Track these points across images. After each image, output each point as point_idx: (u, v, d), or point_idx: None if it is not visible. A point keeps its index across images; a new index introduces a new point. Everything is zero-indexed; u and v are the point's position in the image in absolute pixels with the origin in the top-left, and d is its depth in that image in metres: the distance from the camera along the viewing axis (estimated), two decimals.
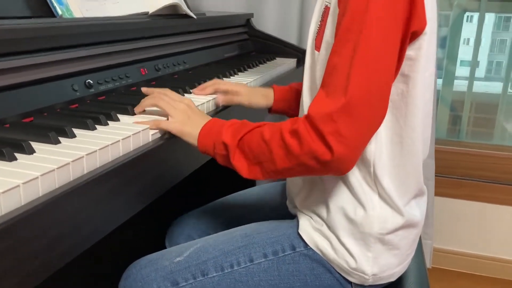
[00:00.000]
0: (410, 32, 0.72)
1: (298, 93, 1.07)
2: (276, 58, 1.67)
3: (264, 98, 1.09)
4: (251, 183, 1.84)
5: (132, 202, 0.73)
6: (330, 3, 0.79)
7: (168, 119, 0.83)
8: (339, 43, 0.72)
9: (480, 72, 2.03)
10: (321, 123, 0.69)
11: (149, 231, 1.39)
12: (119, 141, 0.70)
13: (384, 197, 0.81)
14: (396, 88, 0.76)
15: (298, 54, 1.72)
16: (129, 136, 0.72)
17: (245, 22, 1.73)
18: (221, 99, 1.04)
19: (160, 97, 0.85)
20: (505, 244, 1.95)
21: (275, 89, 1.11)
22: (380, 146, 0.79)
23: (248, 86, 1.10)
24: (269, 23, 1.81)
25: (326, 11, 0.80)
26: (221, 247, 0.87)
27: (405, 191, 0.82)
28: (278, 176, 0.77)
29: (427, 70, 0.80)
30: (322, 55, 0.80)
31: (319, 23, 0.83)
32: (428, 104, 0.86)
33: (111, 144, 0.68)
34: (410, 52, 0.75)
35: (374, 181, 0.80)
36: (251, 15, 1.74)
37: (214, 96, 1.03)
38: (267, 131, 0.75)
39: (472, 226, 1.97)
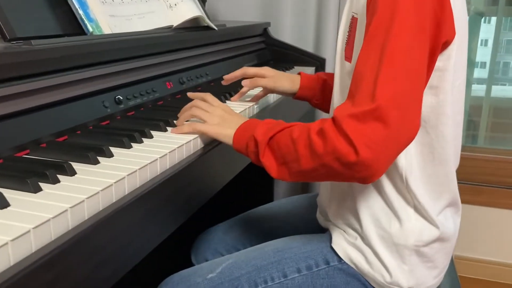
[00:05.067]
0: (441, 43, 0.72)
1: (324, 83, 1.10)
2: (295, 66, 1.66)
3: (290, 82, 1.10)
4: (275, 196, 1.84)
5: (171, 218, 0.73)
6: (357, 14, 0.78)
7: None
8: (365, 50, 0.70)
9: (486, 72, 2.02)
10: (346, 122, 0.65)
11: (173, 245, 1.38)
12: (157, 159, 0.70)
13: (419, 209, 0.80)
14: (425, 101, 0.75)
15: (316, 62, 1.71)
16: (166, 154, 0.72)
17: (262, 32, 1.72)
18: (247, 83, 1.06)
19: (196, 107, 0.86)
20: None
21: (302, 76, 1.11)
22: (410, 159, 0.78)
23: (274, 70, 1.11)
24: (285, 32, 1.80)
25: (353, 21, 0.80)
26: (254, 262, 0.87)
27: (438, 201, 0.82)
28: (303, 178, 0.75)
29: (457, 79, 0.79)
30: (354, 66, 0.79)
31: (347, 34, 0.83)
32: (459, 113, 0.85)
33: (149, 163, 0.68)
34: (438, 63, 0.74)
35: (409, 193, 0.79)
36: (268, 24, 1.74)
37: (249, 104, 1.06)
38: (296, 130, 0.73)
39: (492, 233, 1.95)
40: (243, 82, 1.07)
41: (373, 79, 0.67)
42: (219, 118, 0.84)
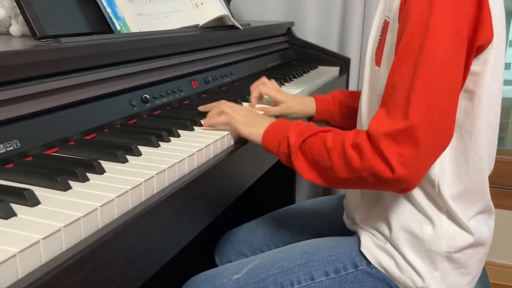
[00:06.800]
0: (476, 46, 0.69)
1: (341, 105, 1.05)
2: (319, 66, 1.64)
3: (304, 107, 1.04)
4: (296, 198, 1.82)
5: (199, 218, 0.72)
6: (389, 18, 0.76)
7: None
8: (398, 60, 0.69)
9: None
10: (382, 142, 0.66)
11: (197, 246, 1.38)
12: (185, 158, 0.69)
13: (452, 215, 0.77)
14: (460, 105, 0.72)
15: (341, 62, 1.69)
16: (194, 153, 0.71)
17: (286, 31, 1.71)
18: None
19: (223, 111, 0.85)
20: None
21: (317, 100, 1.06)
22: (443, 166, 0.76)
23: (287, 94, 1.05)
24: (309, 31, 1.78)
25: (385, 25, 0.78)
26: (280, 264, 0.85)
27: (470, 207, 0.79)
28: (336, 184, 0.76)
29: (494, 82, 0.76)
30: (383, 71, 0.78)
31: (379, 38, 0.80)
32: (495, 118, 0.82)
33: (178, 162, 0.67)
34: (474, 67, 0.71)
35: (441, 199, 0.77)
36: (292, 23, 1.72)
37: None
38: (330, 138, 0.73)
39: None
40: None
41: (406, 92, 0.66)
42: (246, 117, 0.83)
